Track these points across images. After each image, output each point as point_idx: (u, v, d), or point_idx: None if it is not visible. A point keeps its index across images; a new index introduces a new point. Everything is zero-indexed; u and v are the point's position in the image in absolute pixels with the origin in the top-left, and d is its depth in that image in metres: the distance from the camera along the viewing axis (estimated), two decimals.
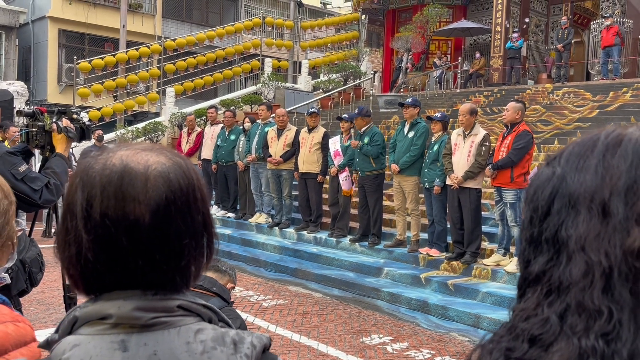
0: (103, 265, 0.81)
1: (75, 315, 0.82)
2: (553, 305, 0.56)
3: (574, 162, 0.60)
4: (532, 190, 0.63)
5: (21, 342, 1.17)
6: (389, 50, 19.51)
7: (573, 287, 0.55)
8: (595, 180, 0.57)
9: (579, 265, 0.55)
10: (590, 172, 0.58)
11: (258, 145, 8.99)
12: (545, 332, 0.56)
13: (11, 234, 1.33)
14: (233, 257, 8.22)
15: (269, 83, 15.73)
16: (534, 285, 0.59)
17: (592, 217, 0.56)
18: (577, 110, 11.14)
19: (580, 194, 0.57)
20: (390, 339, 5.22)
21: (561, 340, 0.54)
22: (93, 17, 19.37)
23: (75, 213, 0.82)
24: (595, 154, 0.59)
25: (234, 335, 0.84)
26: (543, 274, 0.58)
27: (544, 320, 0.56)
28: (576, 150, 0.61)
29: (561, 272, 0.56)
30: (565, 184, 0.59)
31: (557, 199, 0.59)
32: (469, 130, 6.52)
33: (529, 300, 0.59)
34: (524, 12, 17.21)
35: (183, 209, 0.82)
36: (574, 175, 0.59)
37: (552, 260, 0.58)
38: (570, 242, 0.56)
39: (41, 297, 5.97)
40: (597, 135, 0.61)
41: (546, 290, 0.58)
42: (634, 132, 0.59)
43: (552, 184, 0.60)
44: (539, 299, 0.58)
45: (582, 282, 0.55)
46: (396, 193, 7.39)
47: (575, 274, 0.55)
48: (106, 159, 0.83)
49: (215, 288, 2.38)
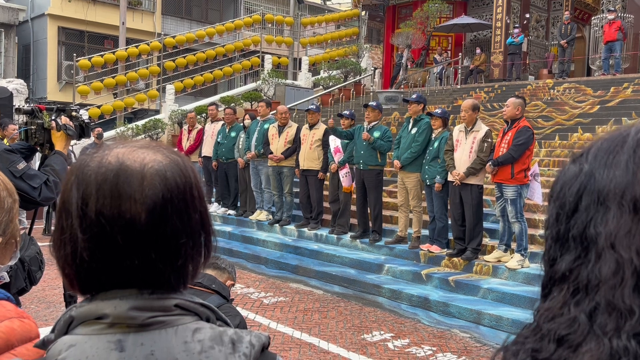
0: (99, 264, 0.80)
1: (71, 315, 0.81)
2: (581, 305, 0.55)
3: (603, 158, 0.58)
4: (558, 187, 0.62)
5: (26, 337, 1.18)
6: (389, 46, 19.48)
7: (602, 286, 0.54)
8: (626, 177, 0.55)
9: (609, 263, 0.54)
10: (620, 168, 0.56)
11: (257, 142, 8.97)
12: (573, 332, 0.54)
13: (15, 232, 1.33)
14: (234, 255, 8.22)
15: (269, 80, 15.71)
16: (560, 284, 0.58)
17: (622, 214, 0.54)
18: (577, 105, 11.11)
19: (610, 190, 0.56)
20: (391, 335, 5.22)
21: (590, 341, 0.53)
22: (92, 14, 19.34)
23: (70, 212, 0.81)
24: (625, 149, 0.57)
25: (232, 335, 0.83)
26: (570, 272, 0.57)
27: (572, 319, 0.55)
28: (605, 146, 0.60)
29: (589, 271, 0.55)
30: (594, 180, 0.58)
31: (585, 195, 0.58)
32: (471, 126, 6.50)
33: (554, 300, 0.58)
34: (524, 7, 17.17)
35: (180, 208, 0.81)
36: (602, 171, 0.57)
37: (580, 258, 0.56)
38: (600, 240, 0.55)
39: (42, 295, 5.97)
40: (627, 131, 0.60)
41: (573, 289, 0.56)
42: None
43: (579, 181, 0.59)
44: (566, 298, 0.56)
45: (612, 280, 0.53)
46: (400, 189, 7.38)
47: (604, 272, 0.54)
48: (102, 156, 0.82)
49: (214, 285, 2.38)
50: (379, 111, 7.67)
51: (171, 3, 21.75)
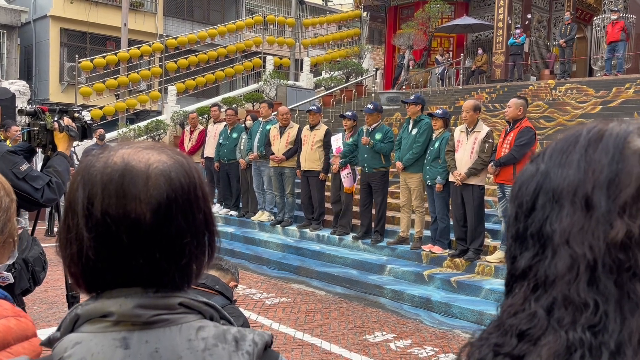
0: (104, 263, 0.81)
1: (77, 313, 0.82)
2: (540, 300, 0.57)
3: (557, 157, 0.60)
4: (516, 187, 0.64)
5: (23, 336, 1.18)
6: (390, 47, 19.48)
7: (559, 281, 0.55)
8: (578, 175, 0.57)
9: (564, 259, 0.56)
10: (573, 167, 0.58)
11: (260, 143, 8.99)
12: (533, 326, 0.56)
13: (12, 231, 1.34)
14: (236, 255, 8.22)
15: (271, 81, 15.72)
16: (520, 280, 0.60)
17: (575, 211, 0.56)
18: (579, 106, 11.10)
19: (563, 188, 0.58)
20: (393, 336, 5.23)
21: (549, 334, 0.55)
22: (94, 15, 19.37)
23: (76, 211, 0.82)
24: (577, 149, 0.59)
25: (235, 333, 0.84)
26: (529, 269, 0.59)
27: (532, 314, 0.57)
28: (559, 147, 0.62)
29: (547, 267, 0.57)
30: (549, 180, 0.60)
31: (541, 194, 0.60)
32: (472, 126, 6.51)
33: (516, 296, 0.60)
34: (526, 8, 17.16)
35: (184, 208, 0.82)
36: (557, 170, 0.59)
37: (538, 255, 0.58)
38: (555, 236, 0.57)
39: (44, 295, 5.98)
40: (579, 131, 0.62)
41: (533, 285, 0.58)
42: (614, 127, 0.60)
43: (536, 180, 0.61)
44: (526, 294, 0.58)
45: (568, 275, 0.55)
46: (402, 190, 7.38)
47: (560, 267, 0.56)
48: (107, 157, 0.83)
49: (217, 286, 2.39)
50: (377, 113, 7.67)
51: (173, 4, 21.78)
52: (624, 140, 0.57)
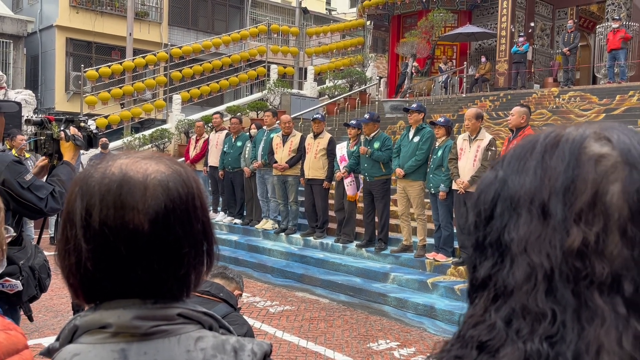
0: (102, 274, 0.81)
1: (75, 324, 0.83)
2: (500, 310, 0.55)
3: (515, 164, 0.59)
4: (476, 195, 0.63)
5: (13, 350, 1.17)
6: (394, 55, 19.53)
7: (517, 291, 0.54)
8: (534, 182, 0.56)
9: (521, 268, 0.54)
10: (529, 174, 0.57)
11: (264, 152, 9.00)
12: (492, 337, 0.55)
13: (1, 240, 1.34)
14: (240, 264, 8.22)
15: (275, 89, 15.77)
16: (481, 290, 0.58)
17: (532, 219, 0.55)
18: (583, 114, 11.09)
19: (520, 196, 0.57)
20: (397, 344, 5.20)
21: (508, 345, 0.53)
22: (100, 25, 19.50)
23: (74, 222, 0.82)
24: (534, 155, 0.58)
25: (234, 343, 0.84)
26: (489, 278, 0.57)
27: (491, 325, 0.55)
28: (517, 153, 0.60)
29: (505, 276, 0.56)
30: (507, 187, 0.58)
31: (499, 202, 0.58)
32: (474, 134, 6.52)
33: (477, 307, 0.58)
34: (529, 16, 17.18)
35: (182, 218, 0.83)
36: (514, 177, 0.58)
37: (497, 265, 0.57)
38: (513, 245, 0.55)
39: (50, 304, 5.99)
40: (536, 137, 0.61)
41: (493, 295, 0.57)
42: (570, 132, 0.59)
43: (494, 188, 0.60)
44: (487, 305, 0.57)
45: (526, 285, 0.54)
46: (400, 198, 7.38)
47: (518, 277, 0.54)
48: (105, 167, 0.84)
49: (222, 294, 2.39)
50: (374, 123, 7.67)
51: (178, 14, 21.91)
52: (580, 146, 0.56)
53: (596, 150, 0.56)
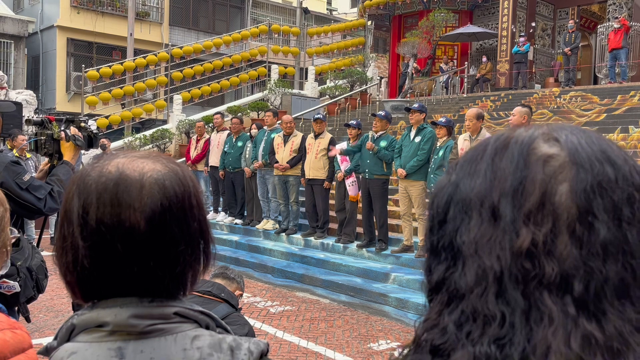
0: (99, 272, 0.81)
1: (72, 322, 0.83)
2: (452, 314, 0.55)
3: (466, 167, 0.59)
4: (431, 199, 0.63)
5: (19, 348, 1.17)
6: (395, 55, 19.52)
7: (468, 294, 0.54)
8: (484, 184, 0.56)
9: (472, 271, 0.54)
10: (480, 177, 0.57)
11: (264, 152, 9.01)
12: (445, 341, 0.55)
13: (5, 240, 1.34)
14: (240, 264, 8.22)
15: (276, 89, 15.78)
16: (436, 294, 0.59)
17: (483, 221, 0.55)
18: (584, 114, 11.08)
19: (471, 199, 0.57)
20: (397, 344, 5.20)
21: (459, 349, 0.53)
22: (101, 25, 19.53)
23: (71, 220, 0.82)
24: (484, 158, 0.58)
25: (230, 342, 0.84)
26: (443, 282, 0.58)
27: (444, 329, 0.55)
28: (469, 156, 0.61)
29: (457, 279, 0.56)
30: (459, 190, 0.59)
31: (452, 205, 0.59)
32: (475, 135, 6.51)
33: (431, 310, 0.58)
34: (530, 16, 17.18)
35: (179, 216, 0.83)
36: (466, 180, 0.58)
37: (450, 268, 0.57)
38: (464, 248, 0.56)
39: (50, 304, 5.99)
40: (487, 140, 0.61)
41: (447, 298, 0.57)
42: (520, 134, 0.59)
43: (446, 191, 0.60)
44: (441, 308, 0.57)
45: (477, 287, 0.54)
46: (402, 198, 7.38)
47: (470, 279, 0.54)
48: (102, 166, 0.84)
49: (223, 294, 2.40)
50: (387, 121, 7.68)
51: (178, 14, 21.92)
52: (529, 147, 0.56)
53: (544, 150, 0.56)
